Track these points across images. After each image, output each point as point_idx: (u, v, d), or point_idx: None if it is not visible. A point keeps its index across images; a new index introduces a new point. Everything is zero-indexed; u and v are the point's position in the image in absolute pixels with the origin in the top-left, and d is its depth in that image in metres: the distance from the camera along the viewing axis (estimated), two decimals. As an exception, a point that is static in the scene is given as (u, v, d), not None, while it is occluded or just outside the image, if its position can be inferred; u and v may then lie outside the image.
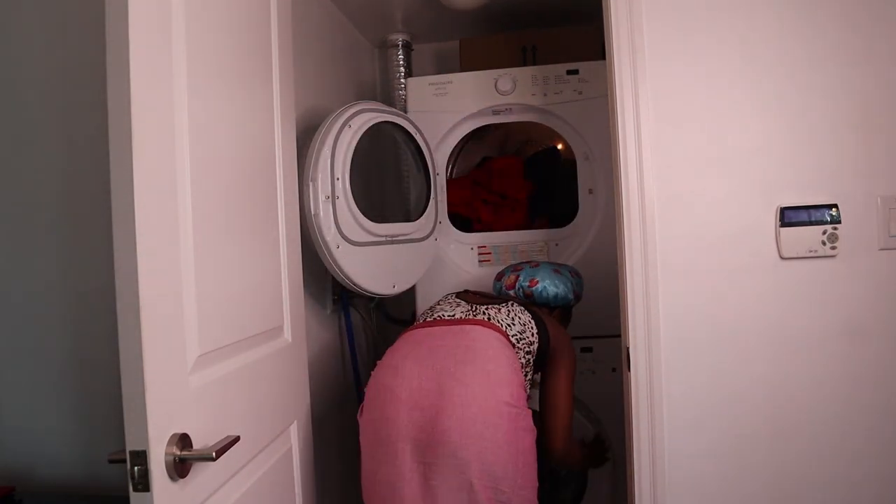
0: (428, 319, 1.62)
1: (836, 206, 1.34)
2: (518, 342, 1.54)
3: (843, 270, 1.34)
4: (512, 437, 1.36)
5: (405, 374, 1.41)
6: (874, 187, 1.34)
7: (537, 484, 1.42)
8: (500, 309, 1.61)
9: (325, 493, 1.56)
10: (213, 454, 0.90)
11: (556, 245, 2.15)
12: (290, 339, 1.39)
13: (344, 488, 2.03)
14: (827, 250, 1.34)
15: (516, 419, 1.37)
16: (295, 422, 1.40)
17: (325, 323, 2.06)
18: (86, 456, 1.52)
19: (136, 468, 0.83)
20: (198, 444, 0.93)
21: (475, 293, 1.76)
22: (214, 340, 1.03)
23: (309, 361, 1.50)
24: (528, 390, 1.54)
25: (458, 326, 1.52)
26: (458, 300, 1.68)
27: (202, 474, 0.95)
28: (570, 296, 1.82)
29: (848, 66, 1.34)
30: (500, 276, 1.88)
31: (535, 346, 1.58)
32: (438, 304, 1.70)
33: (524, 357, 1.55)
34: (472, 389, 1.35)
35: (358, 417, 1.46)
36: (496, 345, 1.46)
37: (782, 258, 1.35)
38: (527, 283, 1.78)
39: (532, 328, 1.59)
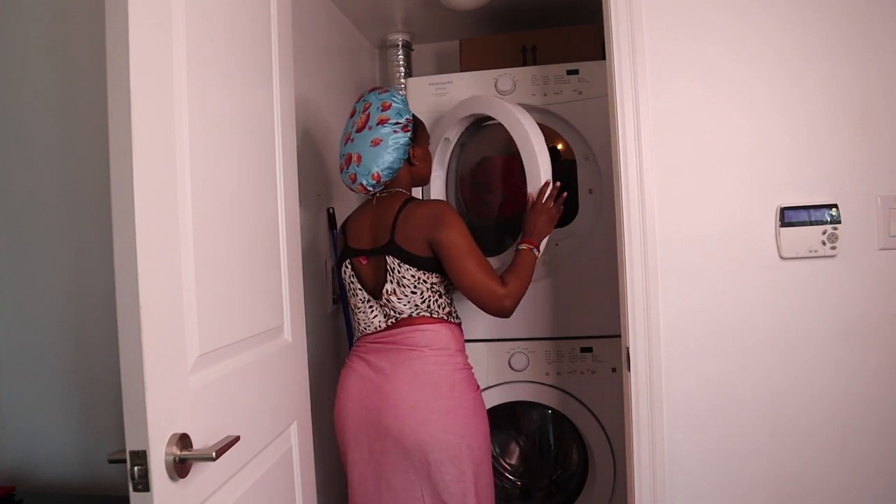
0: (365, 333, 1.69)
1: (836, 206, 1.34)
2: (421, 292, 1.59)
3: (843, 270, 1.34)
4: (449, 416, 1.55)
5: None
6: (874, 187, 1.34)
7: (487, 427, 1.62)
8: (391, 282, 1.58)
9: (324, 493, 1.56)
10: (214, 454, 0.90)
11: (556, 245, 2.14)
12: (290, 339, 1.39)
13: (344, 488, 2.02)
14: (827, 250, 1.34)
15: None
16: (295, 422, 1.39)
17: (325, 323, 2.06)
18: (86, 456, 1.52)
19: (136, 468, 0.83)
20: (198, 444, 0.93)
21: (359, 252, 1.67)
22: (214, 340, 1.03)
23: (309, 361, 1.50)
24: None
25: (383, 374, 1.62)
26: (368, 299, 1.65)
27: (202, 474, 0.95)
28: (397, 152, 1.60)
29: (848, 66, 1.34)
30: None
31: (430, 273, 1.59)
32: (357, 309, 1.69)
33: (433, 288, 1.60)
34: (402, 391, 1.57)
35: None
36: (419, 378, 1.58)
37: (782, 258, 1.35)
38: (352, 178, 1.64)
39: (410, 271, 1.57)
